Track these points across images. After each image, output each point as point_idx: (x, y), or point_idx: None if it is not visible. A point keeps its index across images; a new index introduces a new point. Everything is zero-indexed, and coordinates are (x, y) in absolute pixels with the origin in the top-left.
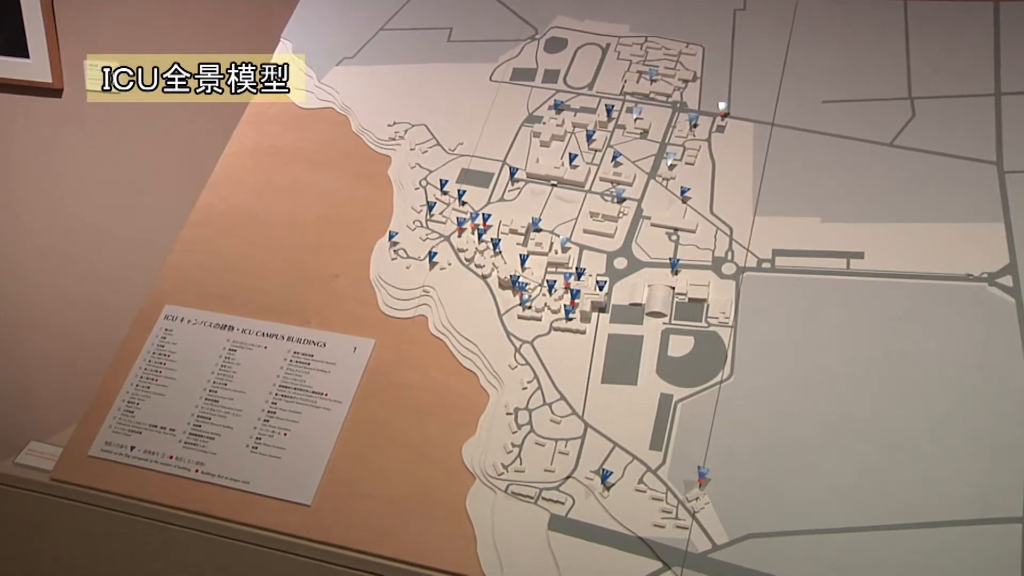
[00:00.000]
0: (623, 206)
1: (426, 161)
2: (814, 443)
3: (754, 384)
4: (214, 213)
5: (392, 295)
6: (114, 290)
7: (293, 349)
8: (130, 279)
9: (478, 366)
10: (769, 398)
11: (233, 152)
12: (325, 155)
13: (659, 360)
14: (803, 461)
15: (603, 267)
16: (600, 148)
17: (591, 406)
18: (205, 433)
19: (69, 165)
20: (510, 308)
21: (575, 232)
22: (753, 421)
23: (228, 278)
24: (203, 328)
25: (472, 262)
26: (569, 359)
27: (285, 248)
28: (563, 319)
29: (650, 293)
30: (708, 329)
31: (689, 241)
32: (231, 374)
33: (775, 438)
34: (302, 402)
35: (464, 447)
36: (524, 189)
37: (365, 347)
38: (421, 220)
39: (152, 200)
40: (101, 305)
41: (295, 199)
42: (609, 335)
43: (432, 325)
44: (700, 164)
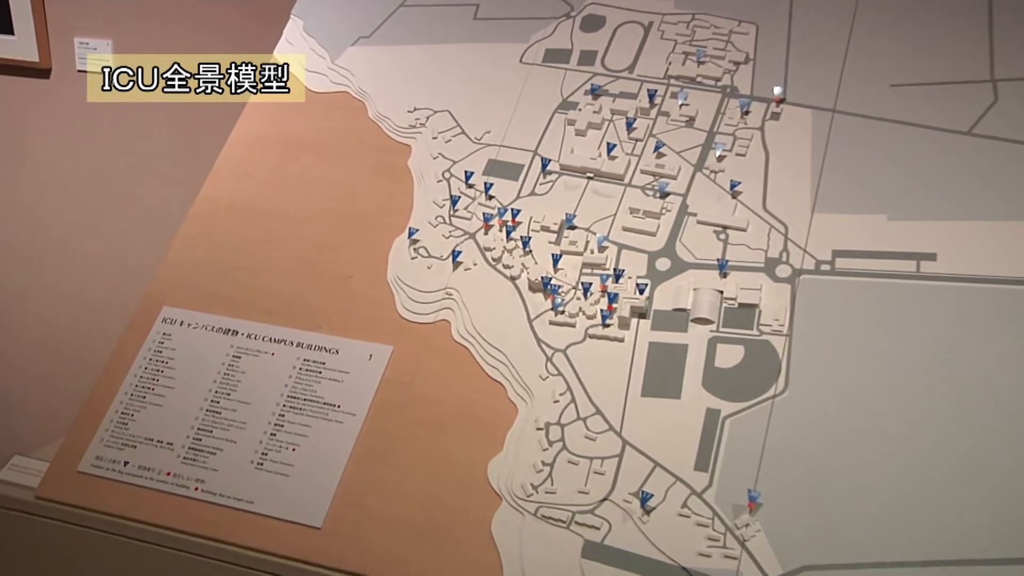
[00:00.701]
0: (666, 201)
1: (450, 151)
2: (876, 466)
3: (811, 399)
4: (217, 207)
5: (411, 298)
6: (106, 290)
7: (303, 356)
8: (124, 278)
9: (505, 376)
10: (827, 415)
11: (238, 140)
12: (339, 144)
13: (705, 371)
14: (864, 486)
15: (644, 268)
16: (641, 137)
17: (630, 421)
18: (206, 448)
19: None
20: (541, 313)
21: (613, 230)
22: (809, 440)
23: (232, 278)
24: (204, 332)
25: (500, 262)
26: (606, 369)
27: (294, 246)
28: (599, 325)
29: (696, 297)
30: (760, 338)
31: (739, 240)
32: (235, 383)
33: (833, 459)
34: (312, 414)
35: (490, 465)
36: (557, 182)
37: (381, 355)
38: (444, 216)
39: (149, 192)
40: (92, 307)
41: (306, 192)
42: (650, 343)
43: (455, 331)
44: (752, 155)
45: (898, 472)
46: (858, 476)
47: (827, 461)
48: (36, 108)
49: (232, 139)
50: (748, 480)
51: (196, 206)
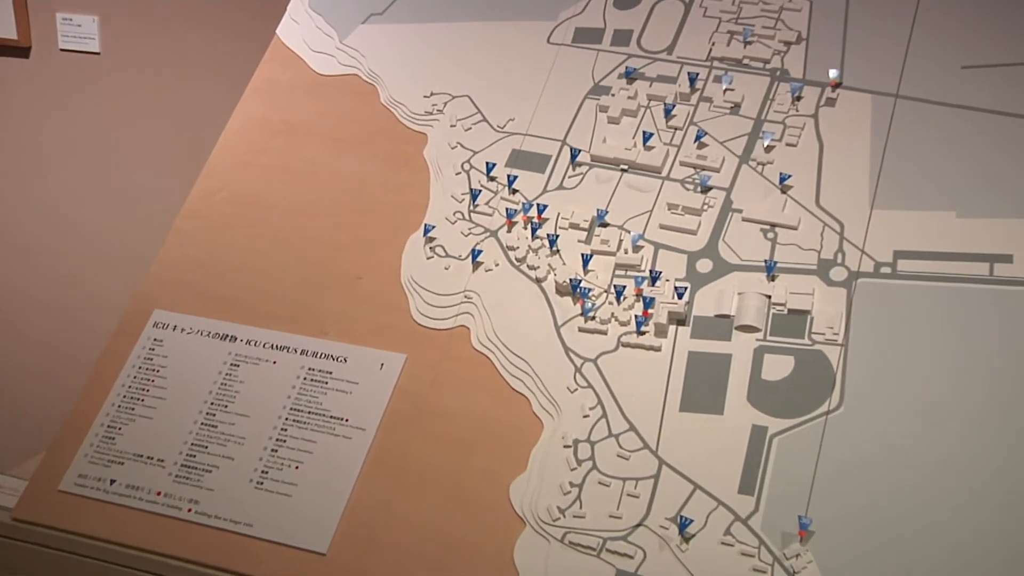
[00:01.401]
0: (708, 196)
1: (470, 140)
2: (939, 491)
3: (868, 416)
4: (214, 201)
5: (427, 301)
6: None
7: (307, 365)
8: (112, 278)
9: (530, 388)
10: (887, 434)
11: (237, 128)
12: (348, 132)
13: (751, 384)
14: (926, 513)
15: (683, 270)
16: (681, 126)
17: (667, 439)
18: (200, 465)
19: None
20: (570, 319)
21: (649, 227)
22: (867, 462)
23: (230, 279)
24: (199, 338)
25: (524, 263)
26: (641, 381)
27: (299, 244)
28: (634, 333)
29: (740, 302)
30: (812, 347)
31: (789, 239)
32: (233, 394)
33: (894, 484)
34: (318, 429)
35: (512, 486)
36: (588, 175)
37: (394, 364)
38: (463, 211)
39: (139, 184)
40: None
41: (311, 185)
42: (689, 353)
43: (475, 338)
44: (804, 145)
45: (966, 499)
46: (921, 503)
47: (886, 485)
48: (14, 91)
49: (231, 126)
50: (798, 505)
51: (191, 199)
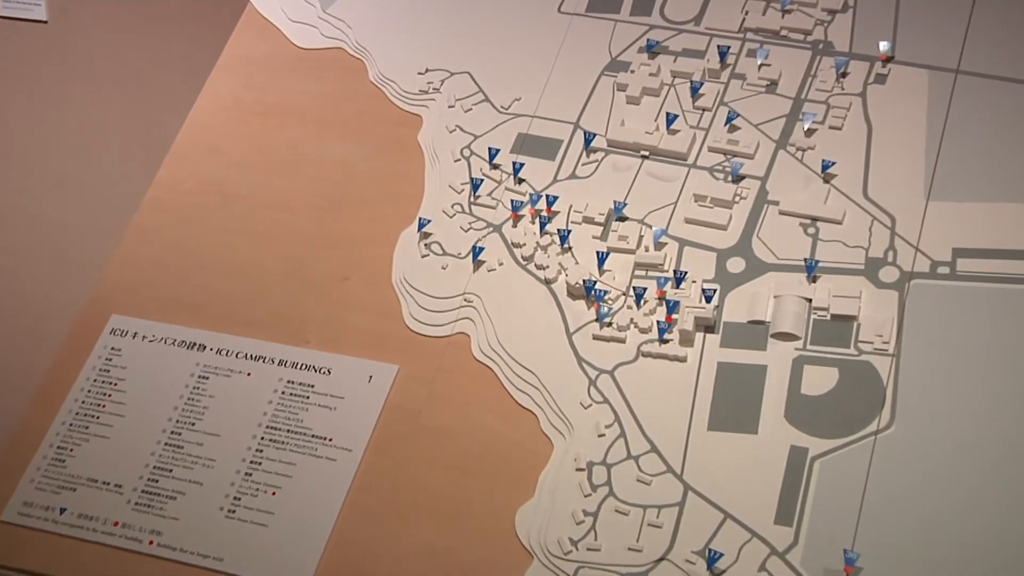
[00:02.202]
0: (741, 186)
1: (470, 123)
2: (1005, 522)
3: (923, 436)
4: (179, 191)
5: (422, 305)
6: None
7: (286, 377)
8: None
9: (538, 404)
10: (944, 456)
11: (206, 108)
12: (332, 113)
13: (789, 400)
14: (989, 547)
15: (712, 270)
16: (709, 106)
17: (694, 461)
18: (164, 491)
19: None
20: (583, 325)
21: (673, 222)
22: (921, 488)
23: (198, 280)
24: (163, 347)
25: (531, 261)
26: (663, 396)
27: (276, 240)
28: (656, 341)
29: (777, 307)
30: (858, 358)
31: (833, 235)
32: (201, 410)
33: (951, 513)
34: (297, 450)
35: (518, 515)
36: (604, 162)
37: (384, 376)
38: (463, 204)
39: (93, 172)
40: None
41: (290, 173)
42: (719, 364)
43: (476, 347)
44: (851, 128)
45: None
46: (983, 535)
47: (943, 515)
48: None
49: (199, 106)
50: (843, 538)
51: (153, 190)
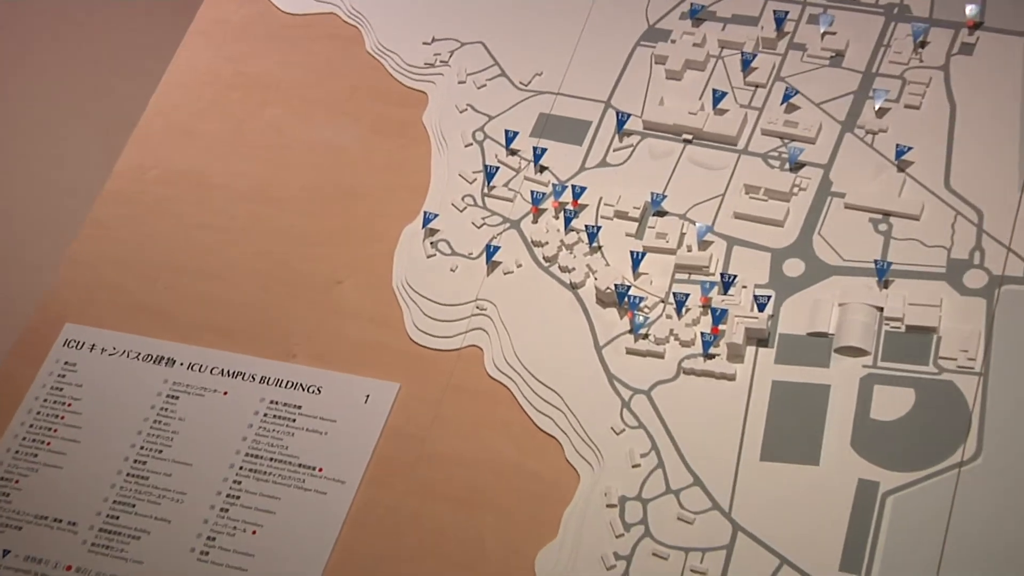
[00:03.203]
0: (800, 176)
1: (483, 102)
2: None
3: (1015, 469)
4: (144, 180)
5: (427, 313)
6: None
7: (269, 397)
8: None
9: (562, 429)
10: None
11: (176, 82)
12: (323, 89)
13: (856, 425)
14: None
15: (765, 274)
16: (764, 82)
17: (744, 497)
18: (125, 529)
19: None
20: (615, 337)
21: (721, 217)
22: (1012, 528)
23: (166, 282)
24: (125, 361)
25: (555, 263)
26: (708, 421)
27: (258, 237)
28: (699, 356)
29: (843, 317)
30: (939, 377)
31: (909, 233)
32: (169, 435)
33: None
34: (282, 481)
35: (539, 558)
36: (640, 147)
37: (383, 395)
38: (475, 195)
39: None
40: None
41: (274, 160)
42: (774, 383)
43: (490, 362)
44: (931, 107)
45: None
46: None
47: None
48: None
49: (167, 80)
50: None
51: (114, 178)
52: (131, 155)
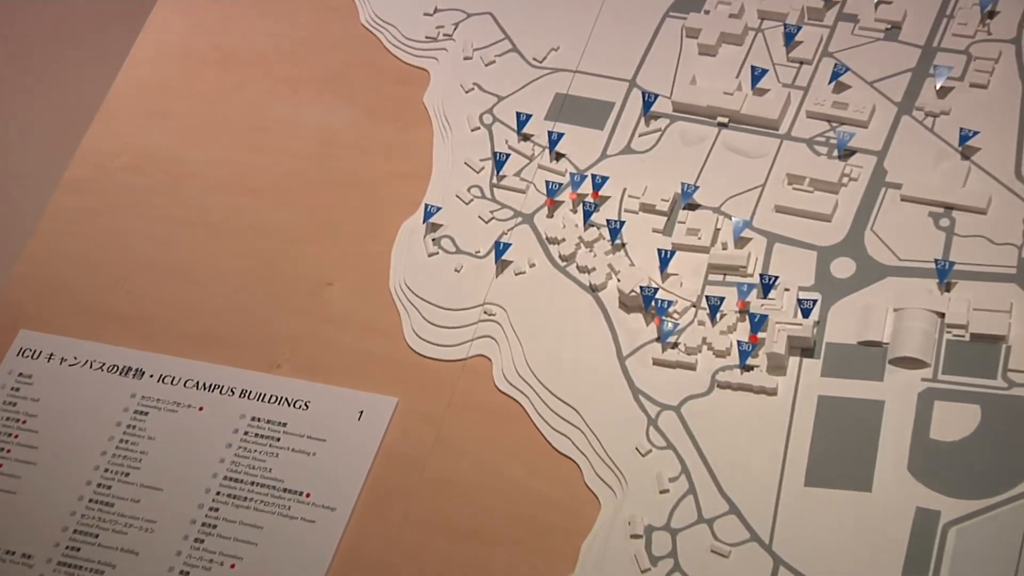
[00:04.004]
0: (850, 164)
1: (493, 80)
2: None
3: None
4: (109, 169)
5: (429, 319)
6: None
7: (250, 413)
8: None
9: (581, 449)
10: None
11: (144, 58)
12: (311, 66)
13: (914, 446)
14: None
15: (810, 275)
16: (809, 58)
17: (786, 527)
18: (88, 563)
19: None
20: (640, 346)
21: (760, 211)
22: None
23: (134, 285)
24: (87, 373)
25: (573, 262)
26: (747, 440)
27: (238, 233)
28: (736, 368)
29: (898, 323)
30: (1008, 392)
31: (973, 229)
32: (137, 456)
33: None
34: (264, 508)
35: None
36: (669, 132)
37: (379, 411)
38: (482, 186)
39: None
40: None
41: (256, 145)
42: (820, 398)
43: (500, 374)
44: (999, 86)
45: None
46: None
47: None
48: None
49: (136, 55)
50: None
51: (75, 166)
52: (94, 139)
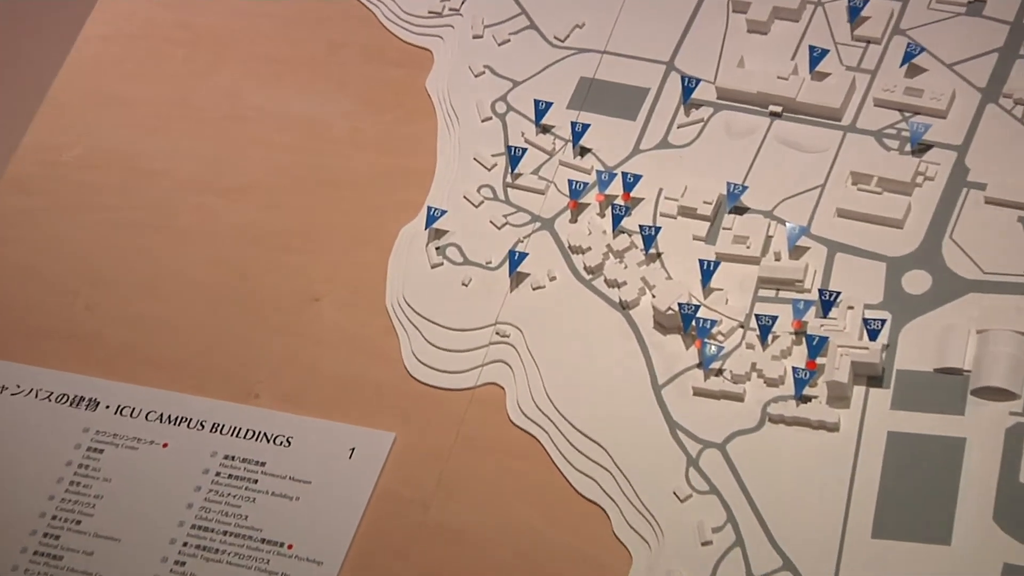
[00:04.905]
0: (926, 160)
1: (506, 62)
2: None
3: None
4: (59, 165)
5: (432, 340)
6: None
7: (223, 450)
8: None
9: (609, 494)
10: None
11: (101, 34)
12: (295, 47)
13: (1001, 492)
14: None
15: (879, 290)
16: (878, 36)
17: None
18: None
19: None
20: (679, 373)
21: (819, 215)
22: None
23: (87, 301)
24: (33, 404)
25: (600, 274)
26: (803, 484)
27: (209, 239)
28: (790, 399)
29: (982, 348)
30: None
31: None
32: (91, 500)
33: None
34: (240, 562)
35: None
36: (713, 123)
37: (373, 449)
38: (495, 186)
39: None
40: None
41: (231, 138)
42: (890, 435)
43: (514, 405)
44: None
45: None
46: None
47: None
48: None
49: (89, 32)
50: None
51: (18, 161)
52: (41, 130)
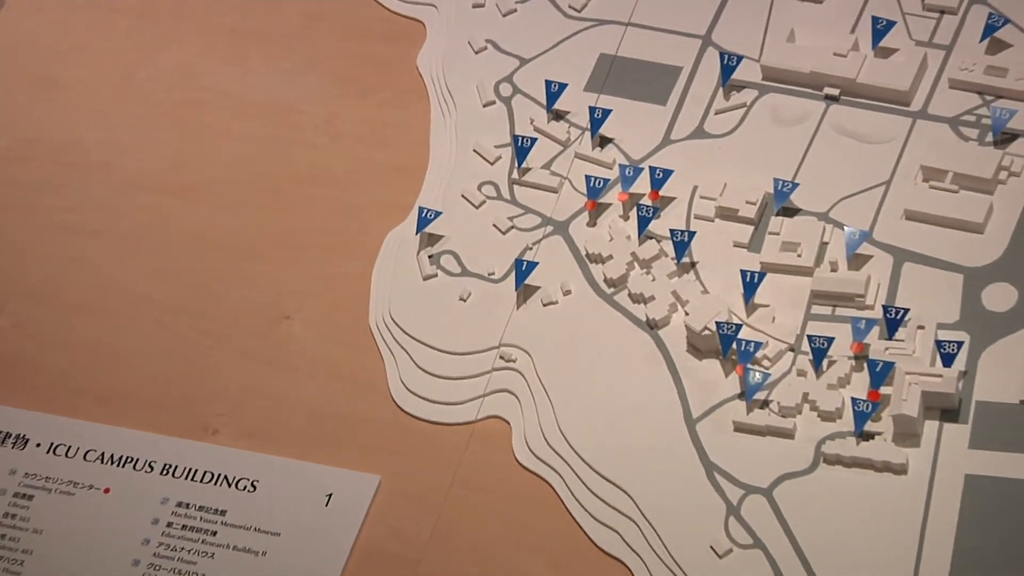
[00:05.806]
0: (1010, 153)
1: (513, 36)
2: None
3: None
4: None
5: (423, 366)
6: None
7: (175, 496)
8: None
9: (634, 547)
10: None
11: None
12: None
13: None
14: None
15: (955, 308)
16: (954, 6)
17: None
18: None
19: None
20: (716, 405)
21: (883, 218)
22: None
23: (16, 318)
24: None
25: (623, 288)
26: (864, 536)
27: (161, 246)
28: (849, 435)
29: None
30: None
31: None
32: (18, 556)
33: None
34: None
35: None
36: (757, 108)
37: (355, 494)
38: (498, 183)
39: None
40: None
41: (188, 127)
42: (967, 478)
43: (522, 443)
44: None
45: None
46: None
47: None
48: None
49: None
50: None
51: None
52: None
